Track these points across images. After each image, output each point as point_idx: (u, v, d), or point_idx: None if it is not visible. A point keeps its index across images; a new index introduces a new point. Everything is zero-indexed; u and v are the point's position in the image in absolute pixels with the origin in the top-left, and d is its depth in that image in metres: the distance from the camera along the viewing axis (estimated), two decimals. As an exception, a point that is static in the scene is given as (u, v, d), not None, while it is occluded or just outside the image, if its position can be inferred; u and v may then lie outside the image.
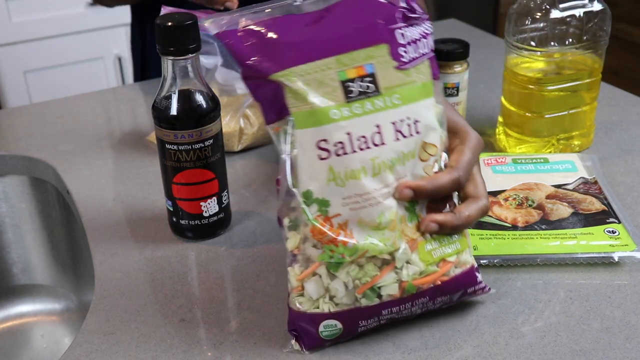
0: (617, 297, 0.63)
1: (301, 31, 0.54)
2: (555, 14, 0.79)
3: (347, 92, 0.54)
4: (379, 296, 0.56)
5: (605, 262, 0.66)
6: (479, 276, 0.60)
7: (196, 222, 0.71)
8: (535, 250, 0.66)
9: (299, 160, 0.54)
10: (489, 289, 0.61)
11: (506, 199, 0.73)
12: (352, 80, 0.54)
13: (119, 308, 0.63)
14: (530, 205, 0.72)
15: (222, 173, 0.70)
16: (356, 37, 0.54)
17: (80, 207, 0.79)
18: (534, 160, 0.80)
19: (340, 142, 0.53)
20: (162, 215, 0.76)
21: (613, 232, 0.68)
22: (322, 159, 0.53)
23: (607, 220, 0.69)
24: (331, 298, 0.56)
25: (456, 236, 0.59)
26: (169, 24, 0.63)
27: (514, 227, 0.69)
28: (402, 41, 0.56)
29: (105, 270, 0.69)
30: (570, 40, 0.80)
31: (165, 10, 0.85)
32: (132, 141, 0.94)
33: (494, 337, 0.58)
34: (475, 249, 0.66)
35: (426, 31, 0.58)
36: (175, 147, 0.67)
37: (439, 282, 0.57)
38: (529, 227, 0.69)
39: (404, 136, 0.55)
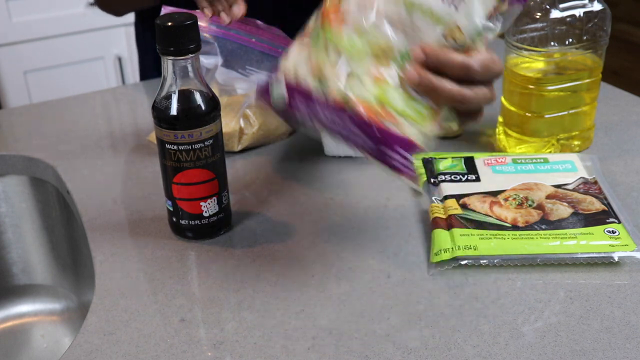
0: (617, 297, 0.63)
1: None
2: (555, 14, 0.79)
3: None
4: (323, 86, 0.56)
5: (605, 262, 0.66)
6: (410, 157, 0.55)
7: (196, 222, 0.71)
8: (535, 250, 0.66)
9: None
10: (415, 173, 0.56)
11: (506, 199, 0.73)
12: None
13: (119, 308, 0.63)
14: (530, 205, 0.72)
15: (222, 173, 0.70)
16: None
17: (80, 207, 0.79)
18: (534, 160, 0.80)
19: None
20: (162, 215, 0.76)
21: (613, 232, 0.68)
22: None
23: (607, 220, 0.69)
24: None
25: (424, 109, 0.56)
26: (169, 24, 0.63)
27: (514, 227, 0.69)
28: None
29: (105, 270, 0.69)
30: (570, 40, 0.80)
31: (165, 10, 0.85)
32: (132, 141, 0.94)
33: (494, 337, 0.58)
34: (475, 249, 0.66)
35: None
36: (175, 147, 0.67)
37: (371, 120, 0.54)
38: (529, 227, 0.69)
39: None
